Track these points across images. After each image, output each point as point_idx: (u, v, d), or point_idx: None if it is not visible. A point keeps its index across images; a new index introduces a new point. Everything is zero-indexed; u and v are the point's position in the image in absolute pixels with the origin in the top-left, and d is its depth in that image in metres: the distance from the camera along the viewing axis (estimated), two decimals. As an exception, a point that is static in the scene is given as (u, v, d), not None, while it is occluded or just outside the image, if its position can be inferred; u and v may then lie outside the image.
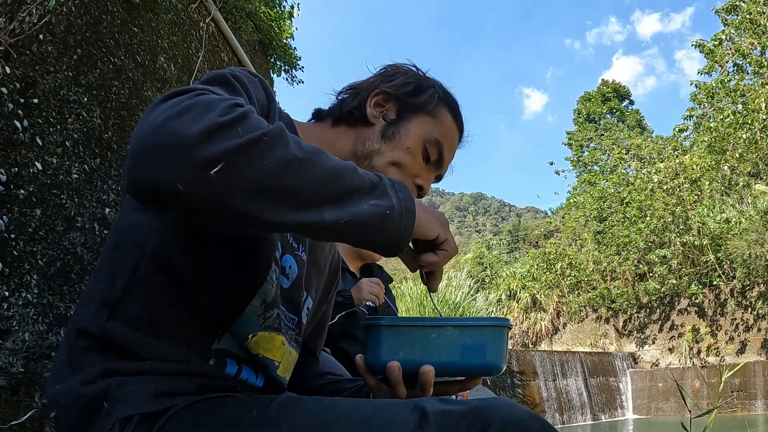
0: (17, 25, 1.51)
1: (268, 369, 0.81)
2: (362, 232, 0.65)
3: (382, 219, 0.66)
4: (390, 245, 0.68)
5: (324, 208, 0.62)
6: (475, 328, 0.78)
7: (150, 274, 0.72)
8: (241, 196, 0.57)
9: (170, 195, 0.56)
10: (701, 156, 13.83)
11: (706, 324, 12.52)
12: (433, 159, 0.93)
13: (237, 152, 0.57)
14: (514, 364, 10.33)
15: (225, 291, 0.75)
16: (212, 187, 0.56)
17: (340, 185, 0.64)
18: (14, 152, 1.46)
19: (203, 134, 0.57)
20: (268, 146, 0.59)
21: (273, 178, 0.59)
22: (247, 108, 0.62)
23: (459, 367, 0.78)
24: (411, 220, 0.69)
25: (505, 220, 79.86)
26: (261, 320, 0.78)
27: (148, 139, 0.57)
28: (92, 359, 0.70)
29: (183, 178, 0.55)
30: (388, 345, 0.79)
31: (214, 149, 0.56)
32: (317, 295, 0.98)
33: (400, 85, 0.94)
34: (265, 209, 0.59)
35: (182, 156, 0.55)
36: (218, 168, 0.56)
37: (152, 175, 0.56)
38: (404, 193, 0.69)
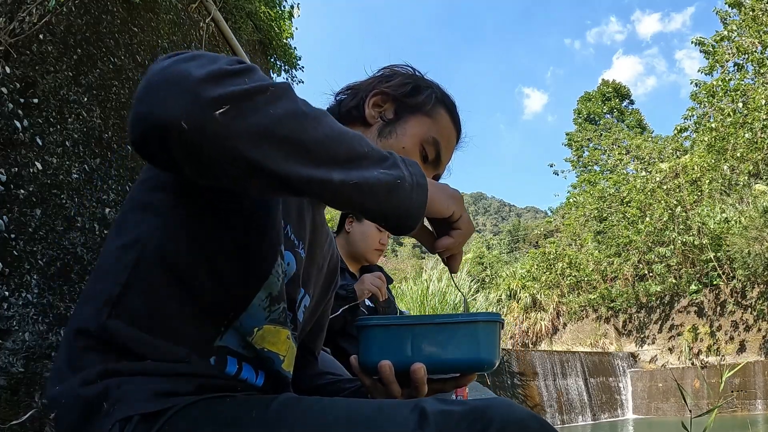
0: (17, 25, 1.51)
1: (273, 363, 0.81)
2: (372, 198, 0.64)
3: (393, 187, 0.64)
4: (401, 217, 0.67)
5: (332, 167, 0.61)
6: (464, 324, 0.77)
7: (152, 270, 0.72)
8: (246, 141, 0.56)
9: (173, 131, 0.55)
10: (701, 156, 13.83)
11: (705, 324, 12.52)
12: (430, 158, 0.94)
13: (243, 97, 0.57)
14: (514, 364, 10.33)
15: (230, 285, 0.75)
16: (216, 128, 0.55)
17: (349, 147, 0.63)
18: (14, 152, 1.46)
19: (210, 76, 0.57)
20: (274, 96, 0.59)
21: (279, 127, 0.58)
22: (252, 65, 0.63)
23: (450, 364, 0.78)
24: (423, 194, 0.68)
25: (505, 220, 79.87)
26: (267, 313, 0.78)
27: (154, 79, 0.57)
28: (92, 359, 0.70)
29: (187, 115, 0.55)
30: (379, 345, 0.79)
31: (220, 91, 0.56)
32: (315, 294, 0.98)
33: (398, 86, 0.95)
34: (270, 157, 0.58)
35: (188, 93, 0.55)
36: (223, 110, 0.55)
37: (157, 111, 0.55)
38: (415, 168, 0.68)
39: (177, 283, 0.72)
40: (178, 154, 0.57)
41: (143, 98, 0.56)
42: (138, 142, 0.57)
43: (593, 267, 15.50)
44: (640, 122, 25.94)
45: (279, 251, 0.79)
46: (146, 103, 0.56)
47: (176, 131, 0.55)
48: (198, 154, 0.57)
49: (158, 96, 0.56)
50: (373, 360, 0.78)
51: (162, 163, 0.60)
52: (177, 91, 0.55)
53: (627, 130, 23.82)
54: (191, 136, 0.55)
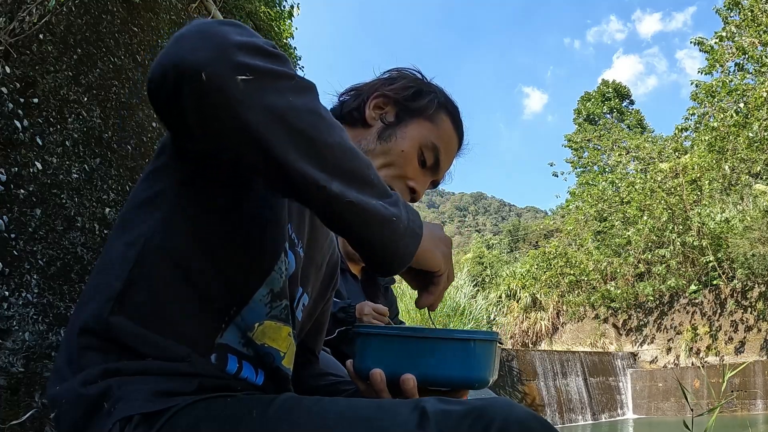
0: (17, 24, 1.51)
1: (273, 359, 0.81)
2: (363, 223, 0.62)
3: (387, 222, 0.63)
4: (387, 255, 0.65)
5: (334, 176, 0.60)
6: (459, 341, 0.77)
7: (155, 265, 0.72)
8: (259, 115, 0.56)
9: (190, 79, 0.55)
10: (701, 156, 13.83)
11: (705, 324, 12.52)
12: (429, 164, 0.93)
13: (270, 74, 0.57)
14: (514, 364, 10.33)
15: (232, 280, 0.75)
16: (234, 92, 0.55)
17: (357, 167, 0.62)
18: (14, 152, 1.46)
19: (245, 45, 0.57)
20: (298, 87, 0.60)
21: (295, 116, 0.58)
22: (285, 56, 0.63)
23: (442, 380, 0.78)
24: (415, 243, 0.67)
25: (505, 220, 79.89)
26: (268, 309, 0.79)
27: (191, 30, 0.57)
28: (93, 359, 0.70)
29: (211, 69, 0.55)
30: (373, 353, 0.79)
31: (249, 60, 0.57)
32: (314, 293, 0.98)
33: (400, 89, 0.95)
34: (277, 140, 0.57)
35: (219, 50, 0.56)
36: (247, 77, 0.56)
37: (184, 54, 0.55)
38: (414, 216, 0.68)
39: (180, 279, 0.73)
40: (188, 103, 0.57)
41: (175, 43, 0.57)
42: (153, 84, 0.58)
43: (593, 267, 15.50)
44: (641, 122, 25.94)
45: (283, 248, 0.79)
46: (176, 47, 0.56)
47: (195, 79, 0.55)
48: (208, 109, 0.56)
49: (190, 43, 0.56)
50: (367, 367, 0.79)
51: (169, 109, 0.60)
52: (210, 45, 0.56)
53: (627, 131, 23.83)
54: (207, 91, 0.55)
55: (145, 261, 0.72)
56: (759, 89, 12.25)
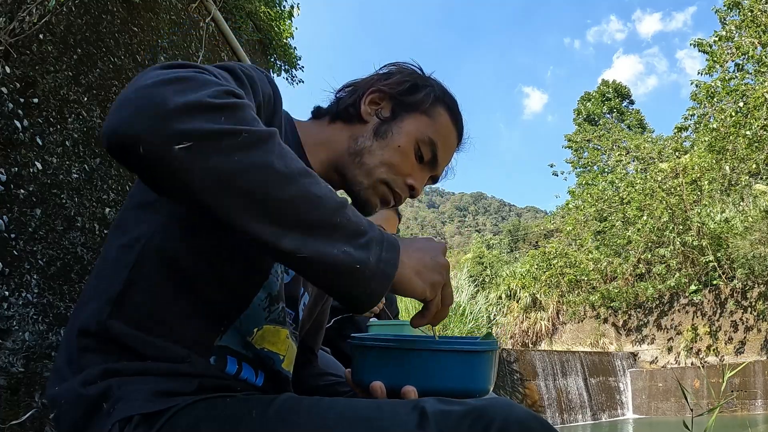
0: (17, 24, 1.50)
1: (273, 362, 0.81)
2: (320, 275, 0.61)
3: (349, 272, 0.61)
4: (350, 301, 0.63)
5: (286, 232, 0.58)
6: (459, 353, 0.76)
7: (153, 269, 0.72)
8: (200, 180, 0.55)
9: (130, 152, 0.55)
10: (701, 156, 13.82)
11: (705, 324, 12.51)
12: (426, 158, 0.92)
13: (210, 136, 0.56)
14: (514, 364, 10.33)
15: (231, 285, 0.75)
16: (171, 161, 0.55)
17: (315, 215, 0.60)
18: (14, 152, 1.46)
19: (184, 107, 0.56)
20: (246, 144, 0.57)
21: (239, 177, 0.56)
22: (242, 101, 0.60)
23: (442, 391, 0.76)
24: (383, 285, 0.64)
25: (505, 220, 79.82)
26: (266, 313, 0.79)
27: (134, 93, 0.57)
28: (92, 359, 0.70)
29: (146, 140, 0.54)
30: (372, 365, 0.78)
31: (186, 125, 0.55)
32: (314, 292, 0.98)
33: (396, 84, 0.94)
34: (219, 203, 0.56)
35: (154, 120, 0.55)
36: (184, 145, 0.55)
37: (123, 126, 0.55)
38: (389, 254, 0.64)
39: (178, 283, 0.73)
40: (137, 170, 0.57)
41: (115, 110, 0.57)
42: (105, 145, 0.58)
43: (593, 267, 15.49)
44: (641, 122, 25.92)
45: None
46: (116, 116, 0.56)
47: (134, 151, 0.55)
48: (153, 176, 0.57)
49: (127, 112, 0.55)
50: (366, 379, 0.78)
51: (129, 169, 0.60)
52: (146, 115, 0.55)
53: (627, 131, 23.81)
54: (147, 162, 0.55)
55: (144, 264, 0.72)
56: (759, 89, 12.25)
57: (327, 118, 0.96)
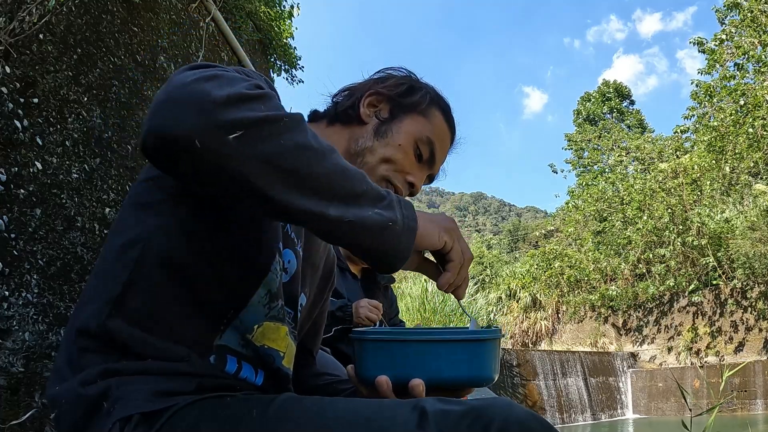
0: (17, 24, 1.51)
1: (273, 360, 0.81)
2: (362, 236, 0.66)
3: (384, 229, 0.66)
4: (388, 257, 0.68)
5: (330, 202, 0.63)
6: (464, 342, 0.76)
7: (153, 269, 0.72)
8: (253, 167, 0.59)
9: (185, 148, 0.57)
10: (701, 156, 13.82)
11: (705, 324, 12.52)
12: (425, 157, 0.95)
13: (257, 124, 0.60)
14: (514, 364, 10.33)
15: (231, 282, 0.76)
16: (228, 151, 0.58)
17: (349, 185, 0.65)
18: (14, 152, 1.46)
19: (230, 99, 0.59)
20: (287, 127, 0.62)
21: (287, 158, 0.61)
22: (271, 92, 0.65)
23: (449, 381, 0.77)
24: (411, 237, 0.69)
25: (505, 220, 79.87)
26: (267, 310, 0.79)
27: (175, 92, 0.59)
28: (92, 359, 0.70)
29: (201, 134, 0.57)
30: (376, 359, 0.77)
31: (236, 115, 0.58)
32: (311, 293, 0.99)
33: (393, 86, 0.97)
34: (273, 186, 0.60)
35: (206, 113, 0.57)
36: (237, 134, 0.58)
37: (173, 124, 0.57)
38: (409, 211, 0.70)
39: (178, 282, 0.73)
40: (185, 168, 0.59)
41: (160, 110, 0.58)
42: (149, 151, 0.60)
43: (593, 267, 15.49)
44: (641, 122, 25.93)
45: (277, 248, 0.80)
46: (162, 116, 0.58)
47: (189, 148, 0.57)
48: (205, 171, 0.59)
49: (175, 111, 0.58)
50: (371, 374, 0.77)
51: (168, 172, 0.63)
52: (195, 110, 0.57)
53: (627, 131, 23.81)
54: (202, 155, 0.57)
55: (144, 265, 0.72)
56: (759, 89, 12.25)
57: (325, 122, 0.98)
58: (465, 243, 0.76)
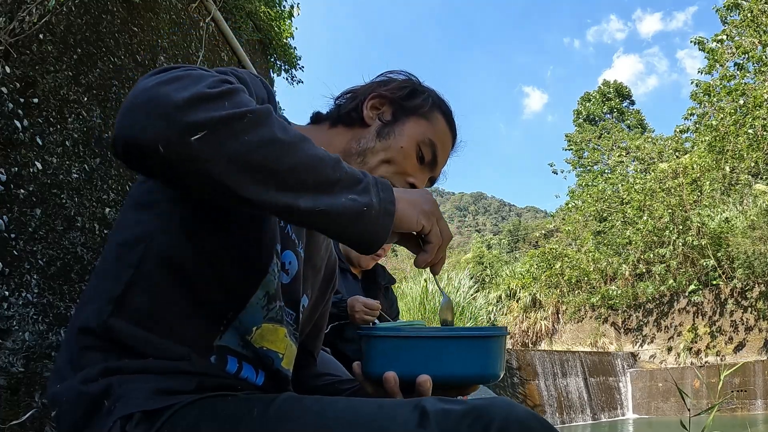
0: (17, 24, 1.51)
1: (273, 361, 0.81)
2: (337, 223, 0.66)
3: (359, 214, 0.66)
4: (363, 242, 0.68)
5: (301, 194, 0.63)
6: (472, 339, 0.77)
7: (154, 269, 0.73)
8: (220, 166, 0.59)
9: (150, 154, 0.58)
10: (701, 156, 13.82)
11: (705, 324, 12.51)
12: (427, 159, 0.96)
13: (220, 123, 0.59)
14: (514, 364, 10.33)
15: (230, 283, 0.76)
16: (191, 153, 0.58)
17: (321, 174, 0.65)
18: (14, 152, 1.46)
19: (190, 101, 0.59)
20: (252, 123, 0.61)
21: (253, 155, 0.61)
22: (236, 86, 0.64)
23: (457, 378, 0.77)
24: (388, 221, 0.69)
25: (505, 220, 79.85)
26: (265, 312, 0.79)
27: (137, 99, 0.59)
28: (93, 358, 0.70)
29: (164, 139, 0.57)
30: (384, 355, 0.78)
31: (198, 116, 0.58)
32: (313, 294, 0.99)
33: (396, 89, 0.98)
34: (242, 184, 0.60)
35: (167, 117, 0.58)
36: (199, 135, 0.58)
37: (135, 131, 0.58)
38: (386, 193, 0.70)
39: (179, 282, 0.73)
40: (156, 171, 0.60)
41: (124, 118, 0.59)
42: (120, 157, 0.61)
43: (593, 267, 15.49)
44: (641, 122, 25.92)
45: (275, 250, 0.80)
46: (127, 125, 0.59)
47: (154, 153, 0.58)
48: (174, 173, 0.60)
49: (138, 117, 0.58)
50: (378, 371, 0.78)
51: (144, 174, 0.64)
52: (156, 114, 0.58)
53: (627, 131, 23.80)
54: (168, 158, 0.58)
55: (144, 264, 0.73)
56: (759, 89, 12.24)
57: (327, 123, 0.99)
58: (444, 223, 0.77)
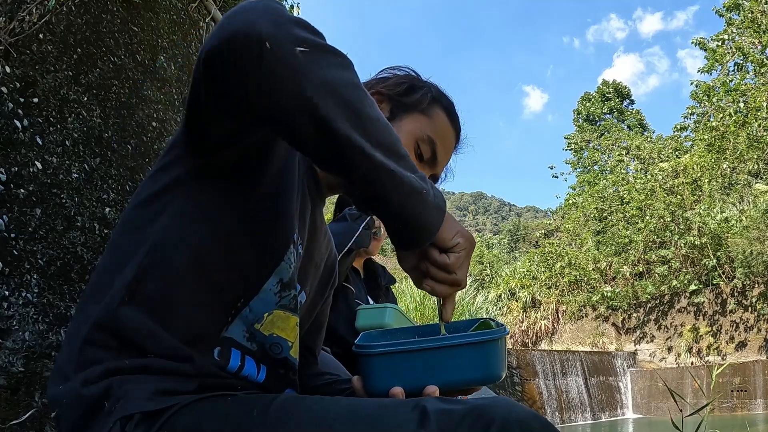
0: (17, 24, 1.51)
1: (282, 349, 0.81)
2: (399, 192, 0.66)
3: (419, 193, 0.67)
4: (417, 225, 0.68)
5: (377, 147, 0.64)
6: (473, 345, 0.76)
7: (169, 254, 0.73)
8: (313, 84, 0.60)
9: (255, 49, 0.58)
10: (701, 155, 13.82)
11: (706, 324, 12.52)
12: (426, 157, 0.94)
13: (322, 49, 0.62)
14: (514, 364, 10.33)
15: (244, 269, 0.76)
16: (293, 61, 0.59)
17: (393, 140, 0.66)
18: (14, 152, 1.46)
19: (300, 22, 0.63)
20: (345, 64, 0.64)
21: (344, 89, 0.62)
22: None
23: (461, 383, 0.77)
24: (440, 214, 0.70)
25: (505, 220, 79.86)
26: (277, 299, 0.79)
27: (248, 5, 0.61)
28: (94, 358, 0.70)
29: (273, 37, 0.59)
30: (385, 372, 0.76)
31: (306, 35, 0.61)
32: (311, 292, 0.98)
33: (393, 85, 0.97)
34: (329, 108, 0.61)
35: (279, 24, 0.60)
36: (304, 49, 0.60)
37: (247, 27, 0.59)
38: (439, 193, 0.71)
39: (193, 268, 0.73)
40: (250, 69, 0.59)
41: (237, 14, 0.61)
42: (217, 49, 0.60)
43: (593, 266, 15.49)
44: (641, 122, 25.93)
45: (292, 239, 0.80)
46: (239, 19, 0.60)
47: (259, 49, 0.58)
48: (268, 76, 0.59)
49: (252, 15, 0.60)
50: (382, 388, 0.76)
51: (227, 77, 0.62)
52: (269, 18, 0.60)
53: (627, 131, 23.81)
54: (270, 59, 0.59)
55: (157, 251, 0.73)
56: (759, 91, 12.24)
57: None
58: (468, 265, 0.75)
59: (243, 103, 0.63)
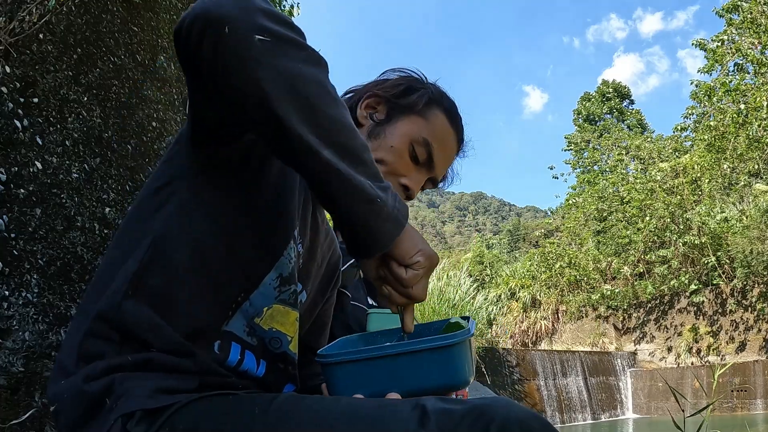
0: (17, 24, 1.51)
1: (281, 343, 0.81)
2: (348, 196, 0.64)
3: (371, 201, 0.65)
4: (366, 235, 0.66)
5: (328, 145, 0.62)
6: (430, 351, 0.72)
7: (172, 248, 0.73)
8: (269, 73, 0.60)
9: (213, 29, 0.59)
10: (701, 155, 13.83)
11: (706, 324, 12.52)
12: (421, 159, 0.93)
13: (285, 40, 0.61)
14: (514, 364, 10.33)
15: (244, 264, 0.76)
16: (250, 49, 0.59)
17: (353, 143, 0.65)
18: (14, 152, 1.46)
19: (268, 11, 0.62)
20: (310, 58, 0.63)
21: (302, 83, 0.61)
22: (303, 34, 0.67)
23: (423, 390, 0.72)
24: (397, 229, 0.67)
25: (505, 219, 79.84)
26: (277, 293, 0.80)
27: None
28: (95, 352, 0.70)
29: (233, 22, 0.59)
30: (348, 381, 0.74)
31: (269, 24, 0.61)
32: (312, 291, 0.98)
33: (390, 87, 0.96)
34: (280, 100, 0.60)
35: (244, 10, 0.60)
36: (264, 38, 0.60)
37: (212, 7, 0.60)
38: (402, 208, 0.69)
39: (195, 262, 0.74)
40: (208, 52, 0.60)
41: None
42: (183, 27, 0.62)
43: (593, 266, 15.49)
44: (641, 122, 25.92)
45: (292, 235, 0.80)
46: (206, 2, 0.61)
47: (218, 31, 0.59)
48: (223, 61, 0.60)
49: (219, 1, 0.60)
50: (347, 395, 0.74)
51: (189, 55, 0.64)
52: (238, 3, 0.60)
53: (627, 131, 23.80)
54: (227, 43, 0.59)
55: (161, 243, 0.73)
56: (759, 91, 12.24)
57: None
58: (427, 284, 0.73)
59: (210, 85, 0.64)
